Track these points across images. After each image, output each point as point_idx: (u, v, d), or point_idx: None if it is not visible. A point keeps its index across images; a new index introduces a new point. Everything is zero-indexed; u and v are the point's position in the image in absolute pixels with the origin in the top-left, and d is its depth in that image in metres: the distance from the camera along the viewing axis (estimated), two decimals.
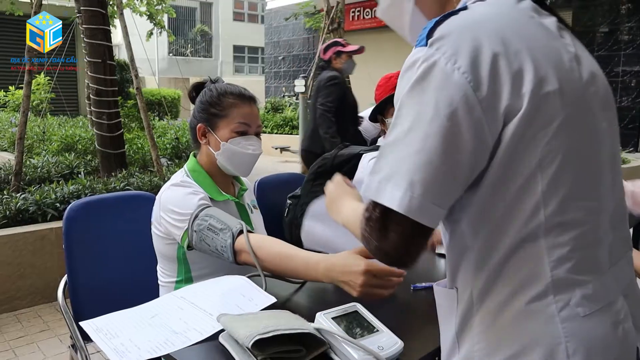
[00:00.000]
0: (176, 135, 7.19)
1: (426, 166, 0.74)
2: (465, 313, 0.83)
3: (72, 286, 1.82)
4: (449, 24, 0.78)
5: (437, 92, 0.75)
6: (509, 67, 0.75)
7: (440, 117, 0.74)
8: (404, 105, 0.77)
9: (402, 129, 0.77)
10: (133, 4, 10.91)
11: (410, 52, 0.81)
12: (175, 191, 1.62)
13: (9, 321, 3.34)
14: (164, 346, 1.07)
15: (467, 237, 0.82)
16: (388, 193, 0.75)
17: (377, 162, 0.79)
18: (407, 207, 0.74)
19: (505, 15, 0.81)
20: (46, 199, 3.84)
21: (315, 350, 0.98)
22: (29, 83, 4.57)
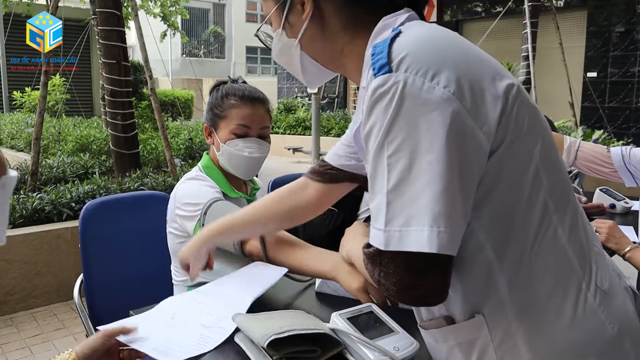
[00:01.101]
0: (190, 135, 7.23)
1: (442, 194, 0.69)
2: (504, 338, 0.78)
3: (87, 285, 1.84)
4: (403, 45, 0.74)
5: (424, 116, 0.70)
6: (479, 74, 0.74)
7: (438, 139, 0.69)
8: (392, 142, 0.71)
9: (400, 167, 0.71)
10: (147, 6, 10.99)
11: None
12: (190, 184, 1.65)
13: (26, 319, 3.38)
14: (206, 341, 1.06)
15: (488, 251, 0.78)
16: (414, 237, 0.69)
17: (387, 212, 0.72)
18: (438, 244, 0.68)
19: (439, 32, 0.80)
20: (62, 199, 3.88)
21: (331, 351, 0.98)
22: (45, 84, 4.62)
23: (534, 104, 0.80)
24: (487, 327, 0.79)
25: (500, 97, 0.74)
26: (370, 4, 0.88)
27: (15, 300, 3.46)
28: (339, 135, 11.26)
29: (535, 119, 0.79)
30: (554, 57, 8.14)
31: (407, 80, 0.71)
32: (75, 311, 3.46)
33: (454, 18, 12.20)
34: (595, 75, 10.34)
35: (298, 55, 0.95)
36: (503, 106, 0.74)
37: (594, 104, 9.29)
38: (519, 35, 7.82)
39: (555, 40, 7.88)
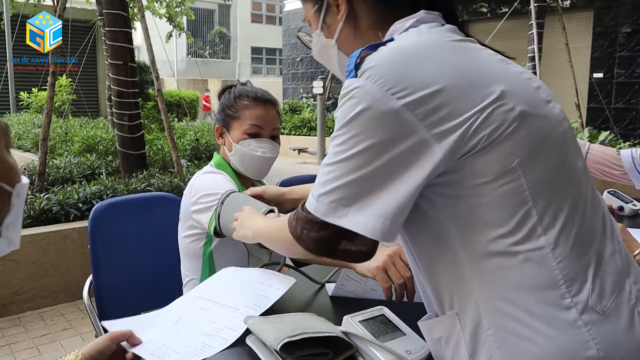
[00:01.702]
0: (196, 136, 7.24)
1: (372, 187, 0.78)
2: (474, 334, 0.80)
3: (96, 285, 1.84)
4: (378, 55, 0.80)
5: (374, 121, 0.77)
6: (444, 85, 0.77)
7: (380, 143, 0.77)
8: (343, 133, 0.80)
9: (344, 156, 0.79)
10: (153, 7, 11.02)
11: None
12: (207, 177, 1.66)
13: (33, 319, 3.40)
14: (203, 350, 1.07)
15: (457, 248, 0.81)
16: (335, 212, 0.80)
17: (324, 185, 0.82)
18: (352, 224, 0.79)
19: (428, 40, 0.84)
20: (69, 199, 3.90)
21: (343, 354, 0.98)
22: (52, 85, 4.64)
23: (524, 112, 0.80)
24: (459, 324, 0.82)
25: (464, 107, 0.77)
26: (395, 5, 0.92)
27: (23, 300, 3.48)
28: None
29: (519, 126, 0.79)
30: (560, 58, 8.13)
31: (365, 86, 0.78)
32: (82, 311, 3.48)
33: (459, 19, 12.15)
34: (601, 76, 10.32)
35: (335, 55, 1.00)
36: (469, 116, 0.76)
37: (600, 105, 9.27)
38: (525, 36, 7.81)
39: (562, 41, 7.86)
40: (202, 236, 1.64)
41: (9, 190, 0.64)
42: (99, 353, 1.04)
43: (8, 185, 0.64)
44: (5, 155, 0.64)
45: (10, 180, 0.65)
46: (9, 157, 0.65)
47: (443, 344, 0.86)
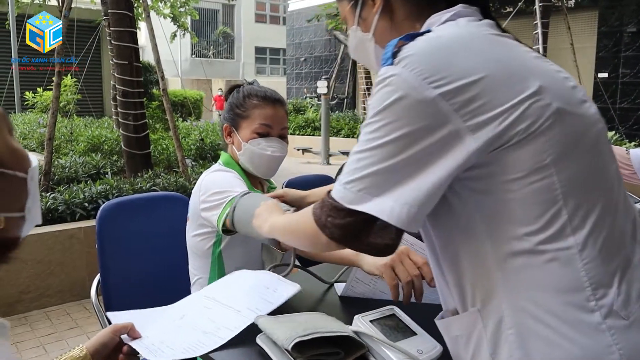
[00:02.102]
0: (201, 136, 7.25)
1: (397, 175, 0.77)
2: (496, 332, 0.79)
3: (104, 284, 1.85)
4: (416, 44, 0.80)
5: (410, 109, 0.76)
6: (482, 77, 0.76)
7: (415, 132, 0.76)
8: (377, 121, 0.79)
9: (375, 144, 0.78)
10: (157, 7, 11.05)
11: None
12: (218, 174, 1.65)
13: (39, 318, 3.41)
14: (197, 347, 1.08)
15: (485, 244, 0.80)
16: (368, 202, 0.78)
17: (352, 173, 0.80)
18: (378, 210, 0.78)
19: (466, 33, 0.84)
20: (75, 199, 3.91)
21: (354, 353, 0.98)
22: (58, 85, 4.65)
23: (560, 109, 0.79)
24: (481, 322, 0.81)
25: (501, 101, 0.76)
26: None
27: (30, 299, 3.49)
28: (348, 136, 11.27)
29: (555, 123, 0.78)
30: (565, 57, 8.10)
31: (401, 75, 0.78)
32: (88, 310, 3.49)
33: None
34: (606, 75, 10.29)
35: (372, 48, 1.00)
36: (504, 109, 0.76)
37: (605, 105, 9.23)
38: (530, 36, 7.79)
39: (566, 40, 7.84)
40: (211, 235, 1.64)
41: (23, 177, 0.65)
42: (102, 346, 1.06)
43: (21, 172, 0.65)
44: (12, 142, 0.65)
45: (23, 166, 0.66)
46: (16, 143, 0.66)
47: (462, 342, 0.85)
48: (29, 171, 0.66)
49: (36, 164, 0.69)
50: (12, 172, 0.64)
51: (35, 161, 0.69)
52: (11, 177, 0.63)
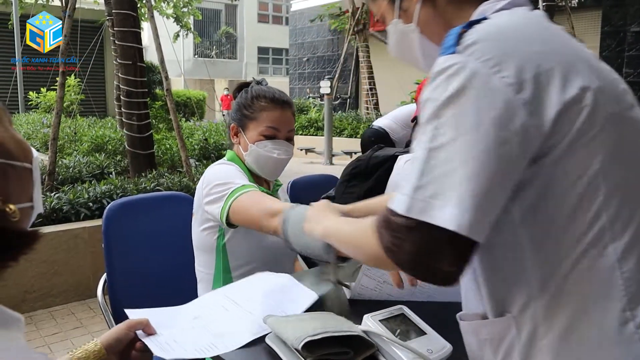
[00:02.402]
0: (205, 136, 7.26)
1: (474, 178, 0.70)
2: (530, 340, 0.77)
3: (110, 284, 1.85)
4: (478, 31, 0.76)
5: (478, 100, 0.72)
6: (548, 69, 0.73)
7: (484, 125, 0.71)
8: (441, 115, 0.74)
9: (442, 141, 0.73)
10: (160, 7, 11.06)
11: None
12: (221, 167, 1.66)
13: (44, 317, 3.42)
14: (208, 349, 1.08)
15: (526, 250, 0.77)
16: (437, 211, 0.70)
17: (418, 178, 0.73)
18: (458, 224, 0.69)
19: (527, 21, 0.81)
20: (79, 199, 3.91)
21: (363, 353, 0.98)
22: (62, 85, 4.66)
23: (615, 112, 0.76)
24: (514, 328, 0.79)
25: (563, 97, 0.73)
26: None
27: (34, 299, 3.50)
28: (351, 136, 11.26)
29: (607, 127, 0.75)
30: None
31: (468, 64, 0.73)
32: (93, 310, 3.50)
33: None
34: None
35: (417, 40, 0.95)
36: (564, 108, 0.73)
37: None
38: None
39: None
40: (215, 229, 1.64)
41: (29, 167, 0.66)
42: (116, 341, 1.06)
43: (28, 162, 0.66)
44: (16, 134, 0.66)
45: (28, 157, 0.67)
46: (17, 134, 0.67)
47: (489, 346, 0.83)
48: (33, 161, 0.67)
49: (37, 154, 0.70)
50: (20, 163, 0.64)
51: (36, 153, 0.70)
52: (20, 169, 0.64)
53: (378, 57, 12.73)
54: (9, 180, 0.63)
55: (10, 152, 0.63)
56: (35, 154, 0.69)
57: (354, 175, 2.15)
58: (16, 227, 0.62)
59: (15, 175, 0.63)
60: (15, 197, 0.64)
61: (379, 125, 4.43)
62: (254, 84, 1.77)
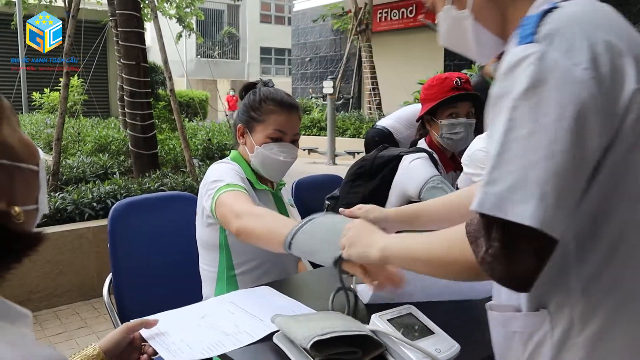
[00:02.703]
0: (208, 136, 7.26)
1: (558, 173, 0.68)
2: (563, 337, 0.77)
3: (116, 284, 1.85)
4: (555, 20, 0.74)
5: (559, 92, 0.69)
6: (626, 60, 0.72)
7: (566, 118, 0.68)
8: (519, 106, 0.71)
9: (520, 134, 0.70)
10: (162, 7, 11.08)
11: (438, 51, 0.79)
12: (219, 165, 1.70)
13: (49, 317, 3.42)
14: (216, 347, 1.08)
15: (570, 248, 0.76)
16: (517, 207, 0.67)
17: (492, 172, 0.71)
18: (541, 220, 0.66)
19: (600, 12, 0.79)
20: (83, 199, 3.92)
21: (372, 352, 0.98)
22: (66, 85, 4.67)
23: None
24: (549, 323, 0.78)
25: (634, 88, 0.72)
26: None
27: (39, 299, 3.50)
28: (354, 136, 11.26)
29: None
30: None
31: (547, 54, 0.71)
32: (97, 310, 3.50)
33: None
34: None
35: (471, 27, 0.92)
36: (632, 98, 0.71)
37: None
38: None
39: None
40: (217, 225, 1.66)
41: (36, 169, 0.66)
42: (114, 345, 1.07)
43: (34, 164, 0.65)
44: (23, 136, 0.66)
45: (35, 159, 0.67)
46: (25, 136, 0.66)
47: (518, 339, 0.83)
48: (40, 163, 0.67)
49: (42, 155, 0.70)
50: (26, 165, 0.64)
51: (40, 151, 0.69)
52: (27, 171, 0.64)
53: (381, 57, 12.73)
54: (15, 182, 0.62)
55: (17, 154, 0.62)
56: (41, 154, 0.69)
57: (358, 175, 2.15)
58: (20, 229, 0.61)
59: (21, 178, 0.63)
60: (20, 199, 0.63)
61: (383, 125, 4.43)
62: (261, 85, 1.77)
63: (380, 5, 14.81)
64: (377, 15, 14.96)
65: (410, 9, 14.46)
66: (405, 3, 14.57)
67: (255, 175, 1.73)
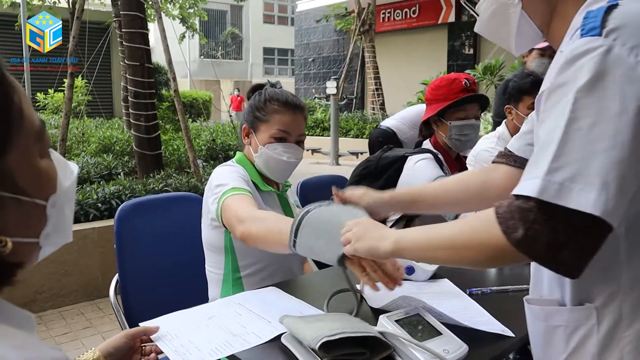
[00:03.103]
0: (212, 137, 7.27)
1: (619, 164, 0.69)
2: (611, 332, 0.78)
3: (122, 284, 1.86)
4: (621, 16, 0.75)
5: (622, 85, 0.71)
6: None
7: (628, 112, 0.70)
8: (582, 98, 0.72)
9: (583, 124, 0.71)
10: (166, 8, 11.10)
11: (442, 51, 0.80)
12: (224, 168, 1.69)
13: (54, 317, 3.43)
14: (224, 348, 1.09)
15: (621, 242, 0.77)
16: (579, 195, 0.69)
17: (552, 161, 0.72)
18: (602, 209, 0.68)
19: None
20: (88, 199, 3.93)
21: (380, 354, 0.98)
22: (70, 86, 4.69)
23: None
24: (595, 318, 0.79)
25: None
26: None
27: (44, 299, 3.51)
28: (357, 136, 11.26)
29: None
30: None
31: (613, 48, 0.72)
32: (102, 310, 3.51)
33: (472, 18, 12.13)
34: None
35: (516, 16, 0.93)
36: None
37: None
38: None
39: None
40: (222, 228, 1.65)
41: (42, 204, 0.60)
42: (115, 349, 1.08)
43: (41, 199, 0.59)
44: (39, 166, 0.59)
45: (43, 192, 0.60)
46: (43, 164, 0.60)
47: (562, 333, 0.83)
48: (51, 198, 0.61)
49: (68, 185, 0.64)
50: (29, 199, 0.58)
51: (66, 185, 0.63)
52: (27, 203, 0.58)
53: (384, 57, 12.73)
54: (7, 213, 0.58)
55: (19, 186, 0.56)
56: (63, 187, 0.63)
57: (363, 176, 2.16)
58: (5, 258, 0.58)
59: (19, 210, 0.56)
60: (13, 231, 0.59)
61: (387, 125, 4.43)
62: (268, 86, 1.77)
63: (384, 5, 14.82)
64: (380, 16, 14.96)
65: (413, 9, 14.46)
66: (409, 3, 14.57)
67: (261, 177, 1.73)
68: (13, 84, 0.55)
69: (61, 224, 0.64)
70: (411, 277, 1.46)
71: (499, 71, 8.81)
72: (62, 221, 0.64)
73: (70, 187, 0.65)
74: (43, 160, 0.60)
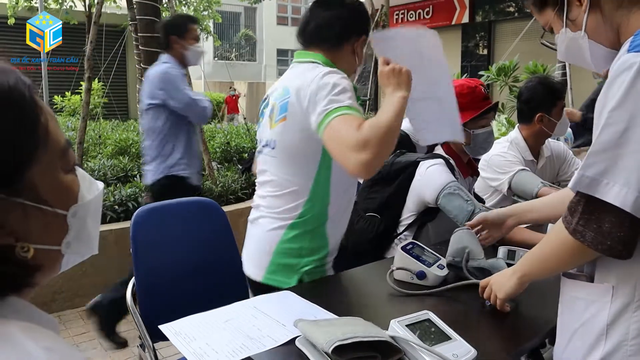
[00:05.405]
0: (227, 139, 7.30)
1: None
2: (620, 310, 0.89)
3: (139, 288, 1.90)
4: None
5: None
6: None
7: None
8: (619, 106, 0.85)
9: (616, 129, 0.84)
10: (180, 11, 11.20)
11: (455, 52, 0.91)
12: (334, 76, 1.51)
13: (72, 317, 3.50)
14: (240, 350, 1.12)
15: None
16: (605, 188, 0.84)
17: (589, 157, 0.87)
18: (622, 200, 0.82)
19: None
20: (105, 202, 3.99)
21: (390, 357, 1.01)
22: (88, 90, 4.76)
23: None
24: (610, 297, 0.90)
25: None
26: None
27: (63, 299, 3.58)
28: None
29: None
30: None
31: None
32: None
33: (486, 19, 12.08)
34: None
35: (587, 45, 1.04)
36: None
37: None
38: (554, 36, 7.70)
39: None
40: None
41: (63, 214, 0.64)
42: None
43: (62, 209, 0.64)
44: (61, 178, 0.63)
45: (64, 203, 0.64)
46: (66, 178, 0.64)
47: (580, 304, 0.96)
48: (72, 208, 0.65)
49: (90, 199, 0.67)
50: (50, 208, 0.62)
51: (87, 196, 0.67)
52: (49, 213, 0.62)
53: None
54: (30, 221, 0.60)
55: (40, 197, 0.60)
56: (84, 199, 0.66)
57: (376, 181, 2.18)
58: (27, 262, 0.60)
59: (40, 216, 0.61)
60: (34, 238, 0.62)
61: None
62: None
63: (397, 6, 14.79)
64: (394, 17, 14.93)
65: (427, 10, 14.41)
66: (422, 4, 14.53)
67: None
68: (41, 106, 0.60)
69: (84, 234, 0.68)
70: (422, 282, 1.48)
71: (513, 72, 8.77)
72: (85, 231, 0.69)
73: (92, 201, 0.68)
74: (67, 175, 0.64)
